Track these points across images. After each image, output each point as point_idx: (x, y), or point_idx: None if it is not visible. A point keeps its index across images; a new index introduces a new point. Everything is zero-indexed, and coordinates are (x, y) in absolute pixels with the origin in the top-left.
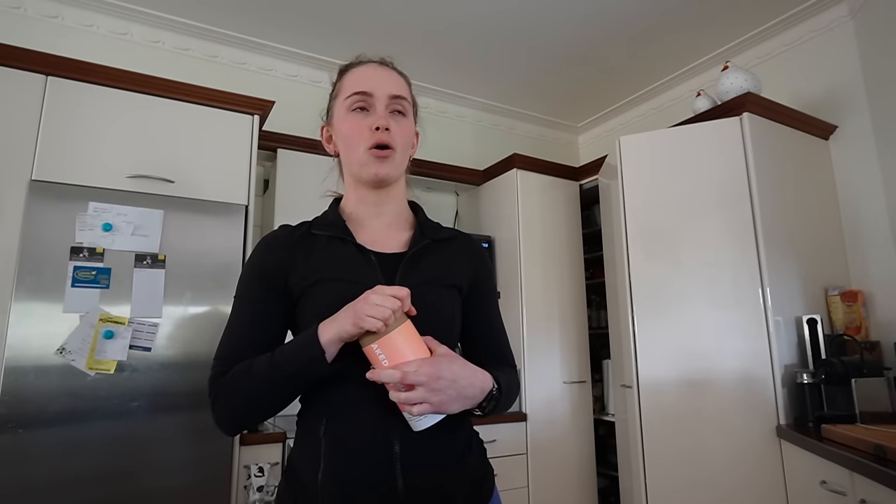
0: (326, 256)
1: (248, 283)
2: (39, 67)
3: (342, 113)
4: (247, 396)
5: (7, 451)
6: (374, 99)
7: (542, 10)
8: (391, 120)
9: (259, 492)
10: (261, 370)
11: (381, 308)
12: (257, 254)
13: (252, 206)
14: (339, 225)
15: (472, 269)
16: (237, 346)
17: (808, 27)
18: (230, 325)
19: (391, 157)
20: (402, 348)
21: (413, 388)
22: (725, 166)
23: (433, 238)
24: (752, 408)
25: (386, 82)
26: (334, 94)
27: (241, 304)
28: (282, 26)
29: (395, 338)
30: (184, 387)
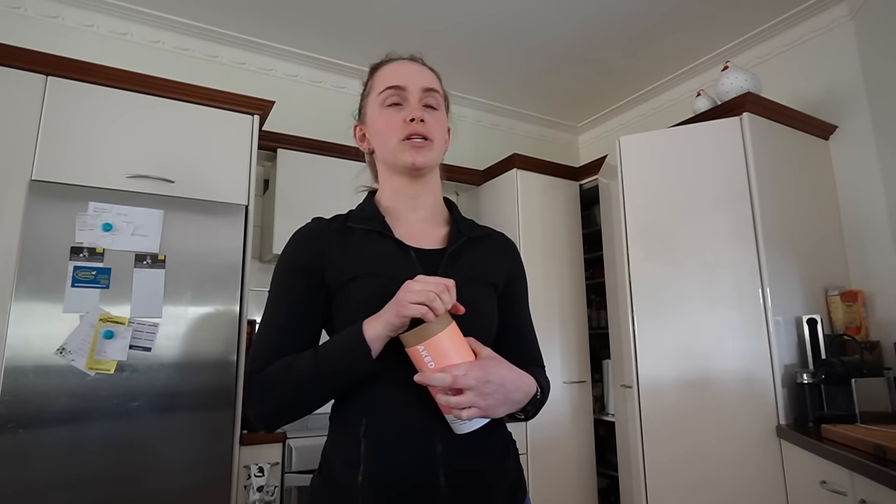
0: (365, 251)
1: (283, 276)
2: (39, 67)
3: (375, 109)
4: (287, 393)
5: (7, 451)
6: (406, 93)
7: (542, 10)
8: (425, 112)
9: (259, 492)
10: (304, 367)
11: (424, 293)
12: (291, 247)
13: (252, 206)
14: (378, 219)
15: (508, 267)
16: (275, 341)
17: (808, 27)
18: (266, 321)
19: (427, 146)
20: (449, 350)
21: (461, 392)
22: (725, 166)
23: (470, 235)
24: (752, 408)
25: (418, 76)
26: (366, 92)
27: (277, 298)
28: (282, 26)
29: (442, 339)
30: (184, 387)
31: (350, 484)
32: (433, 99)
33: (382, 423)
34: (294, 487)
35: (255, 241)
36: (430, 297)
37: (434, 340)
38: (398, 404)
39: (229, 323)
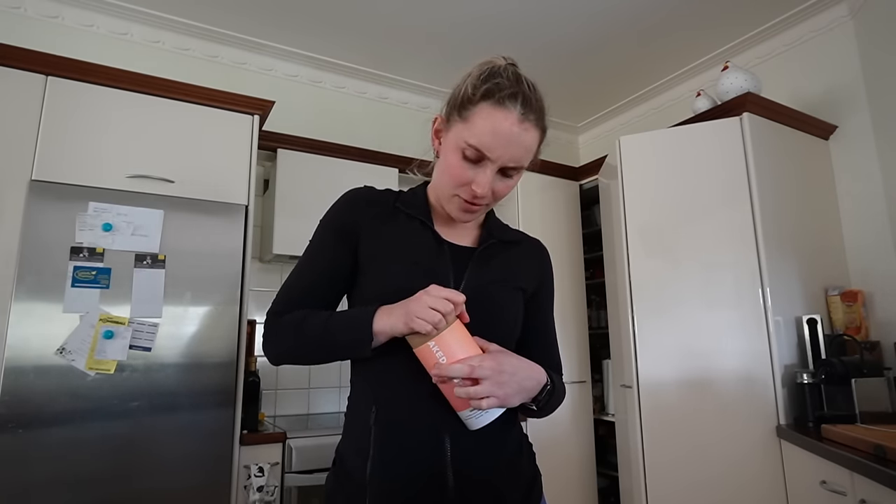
0: (403, 234)
1: (323, 233)
2: (39, 67)
3: (455, 144)
4: (295, 344)
5: (7, 451)
6: (489, 161)
7: (543, 10)
8: (496, 181)
9: (259, 492)
10: (312, 328)
11: (433, 313)
12: (339, 207)
13: (252, 206)
14: (424, 209)
15: (539, 274)
16: (300, 293)
17: (808, 27)
18: (298, 270)
19: (478, 211)
20: (459, 345)
21: (478, 383)
22: (725, 166)
23: (500, 238)
24: (752, 408)
25: (514, 149)
26: (464, 113)
27: (314, 252)
28: (282, 26)
29: (451, 334)
30: (184, 387)
31: (360, 476)
32: (514, 171)
33: (393, 414)
34: (294, 487)
35: (255, 241)
36: (437, 318)
37: (444, 336)
38: (408, 395)
39: (229, 323)
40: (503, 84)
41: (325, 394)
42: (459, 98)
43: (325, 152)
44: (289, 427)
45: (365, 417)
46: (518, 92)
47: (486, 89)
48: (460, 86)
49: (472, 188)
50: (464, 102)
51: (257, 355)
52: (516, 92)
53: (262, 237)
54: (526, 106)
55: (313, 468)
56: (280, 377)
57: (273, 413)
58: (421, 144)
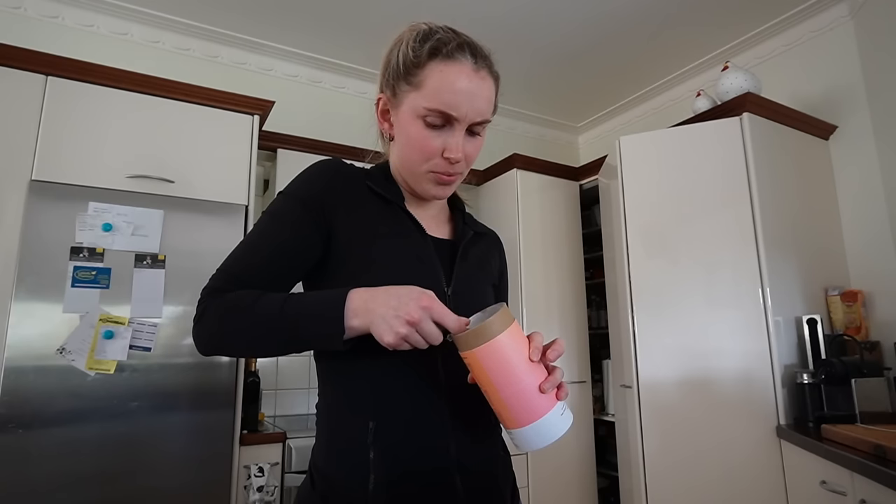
0: (383, 221)
1: (288, 203)
2: (39, 67)
3: (413, 114)
4: (237, 328)
5: (7, 451)
6: (456, 122)
7: (543, 10)
8: (466, 143)
9: (259, 492)
10: (267, 309)
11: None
12: (310, 177)
13: (252, 206)
14: (398, 193)
15: (499, 265)
16: (251, 266)
17: (808, 27)
18: (250, 242)
19: (454, 182)
20: (521, 340)
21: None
22: (725, 166)
23: (475, 230)
24: (753, 408)
25: (477, 101)
26: (412, 78)
27: (271, 222)
28: (282, 26)
29: (516, 329)
30: (184, 387)
31: (358, 494)
32: (480, 127)
33: (393, 427)
34: (294, 487)
35: None
36: (417, 339)
37: (516, 326)
38: (411, 405)
39: None
40: (445, 38)
41: None
42: (401, 66)
43: (325, 152)
44: (289, 427)
45: (359, 435)
46: (463, 42)
47: (431, 47)
48: (393, 55)
49: (446, 156)
50: (408, 68)
51: None
52: (462, 43)
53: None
54: (476, 55)
55: None
56: (280, 377)
57: (273, 413)
58: None
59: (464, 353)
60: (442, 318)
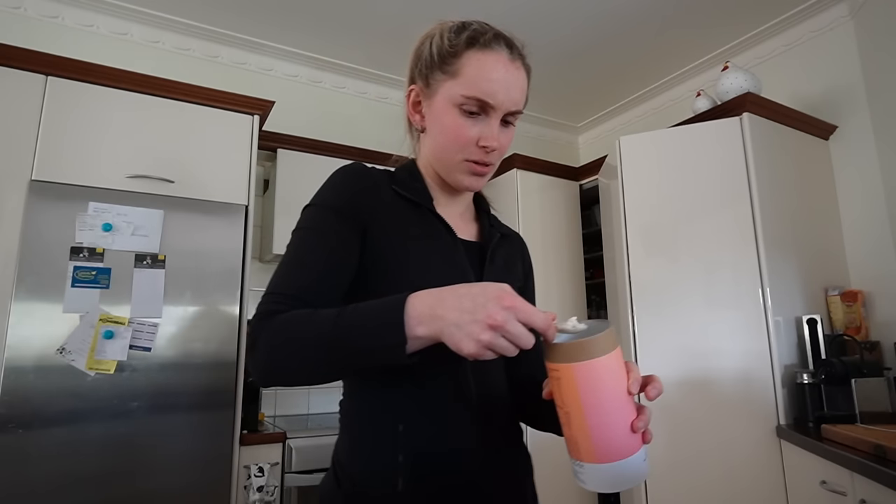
0: (413, 225)
1: (323, 213)
2: (39, 67)
3: (448, 103)
4: (291, 352)
5: (7, 451)
6: (492, 110)
7: (543, 10)
8: (500, 132)
9: (259, 492)
10: (319, 327)
11: (519, 337)
12: (338, 184)
13: (252, 206)
14: (425, 194)
15: (525, 269)
16: (301, 282)
17: (808, 27)
18: (293, 258)
19: (488, 173)
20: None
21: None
22: (725, 166)
23: (500, 232)
24: (752, 408)
25: (513, 90)
26: (448, 67)
27: (310, 235)
28: (282, 26)
29: (621, 357)
30: (184, 387)
31: (387, 496)
32: (514, 117)
33: (422, 431)
34: (294, 487)
35: (255, 241)
36: (504, 346)
37: (620, 352)
38: (441, 410)
39: (229, 323)
40: (482, 29)
41: (325, 394)
42: (435, 55)
43: (325, 152)
44: (289, 427)
45: (385, 436)
46: (499, 34)
47: (468, 37)
48: (424, 47)
49: (481, 144)
50: (444, 57)
51: None
52: (497, 34)
53: (262, 237)
54: (511, 46)
55: (313, 468)
56: None
57: (273, 413)
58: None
59: (555, 365)
60: (529, 319)
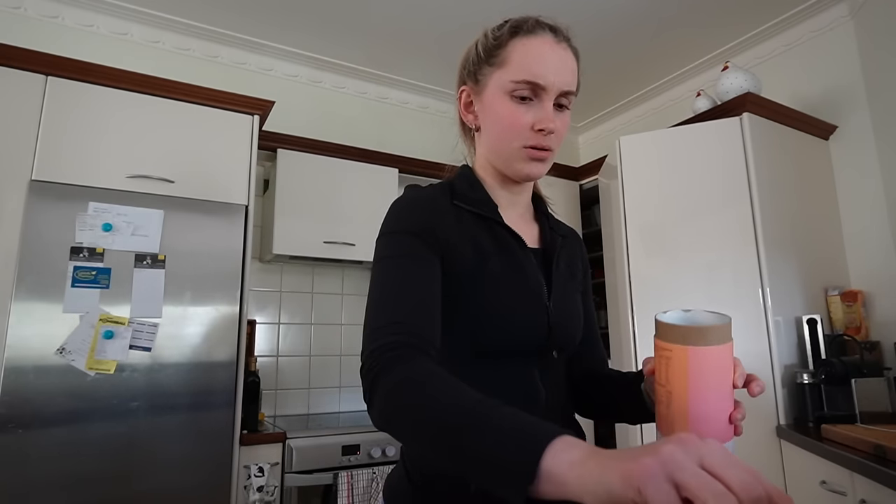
0: (484, 240)
1: (399, 241)
2: (39, 67)
3: (499, 92)
4: (412, 423)
5: (7, 451)
6: (544, 92)
7: (543, 10)
8: (556, 118)
9: (259, 492)
10: (450, 417)
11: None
12: (400, 212)
13: (252, 206)
14: (490, 204)
15: (583, 268)
16: (405, 308)
17: (808, 27)
18: (388, 289)
19: (549, 158)
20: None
21: None
22: (725, 166)
23: (559, 233)
24: (752, 408)
25: (562, 71)
26: (495, 59)
27: (399, 262)
28: (282, 26)
29: (732, 351)
30: (184, 387)
31: (459, 498)
32: (567, 99)
33: None
34: (294, 487)
35: (255, 241)
36: None
37: (732, 345)
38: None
39: (229, 323)
40: (524, 18)
41: (325, 394)
42: (481, 52)
43: (325, 152)
44: (289, 427)
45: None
46: (541, 20)
47: (511, 27)
48: (470, 52)
49: (538, 128)
50: (490, 51)
51: (257, 355)
52: (539, 20)
53: (262, 237)
54: (554, 30)
55: (313, 468)
56: (280, 377)
57: (273, 413)
58: (420, 144)
59: (668, 345)
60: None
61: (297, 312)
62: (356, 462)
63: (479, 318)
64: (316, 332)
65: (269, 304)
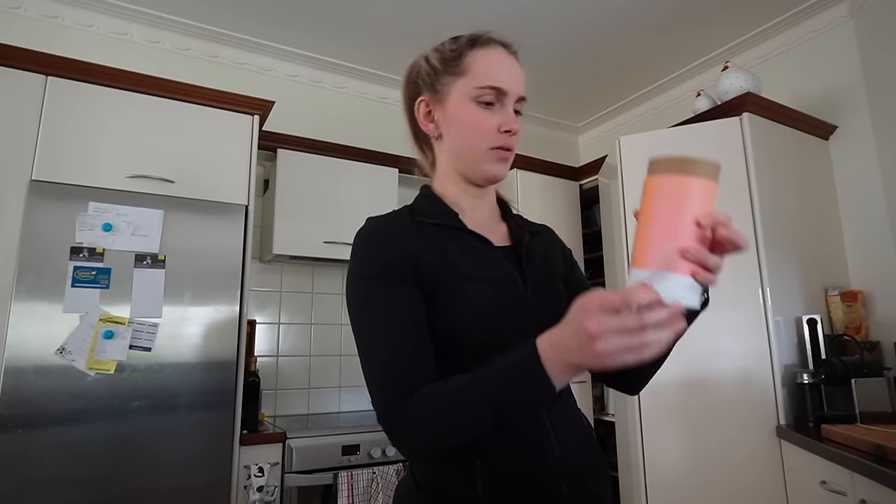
0: (450, 247)
1: (374, 284)
2: (39, 67)
3: (463, 99)
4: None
5: (7, 451)
6: (505, 97)
7: (542, 10)
8: (517, 122)
9: (259, 492)
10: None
11: (658, 339)
12: (371, 248)
13: (252, 206)
14: (451, 214)
15: (564, 257)
16: (405, 357)
17: (808, 27)
18: (380, 338)
19: (510, 158)
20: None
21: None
22: (725, 166)
23: (528, 231)
24: (752, 408)
25: (518, 79)
26: (455, 68)
27: (381, 306)
28: (282, 26)
29: (712, 196)
30: (184, 387)
31: (466, 499)
32: (520, 105)
33: (500, 458)
34: (294, 487)
35: (255, 241)
36: (653, 350)
37: (712, 190)
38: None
39: (229, 323)
40: (478, 32)
41: (325, 394)
42: (438, 63)
43: (325, 152)
44: (289, 427)
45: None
46: (493, 36)
47: (468, 39)
48: (420, 64)
49: (503, 129)
50: (447, 62)
51: (257, 355)
52: (492, 36)
53: (262, 237)
54: (506, 44)
55: (313, 468)
56: (280, 377)
57: (273, 413)
58: None
59: (648, 177)
60: (616, 305)
61: (297, 312)
62: (356, 462)
63: (461, 318)
64: (316, 332)
65: (269, 304)
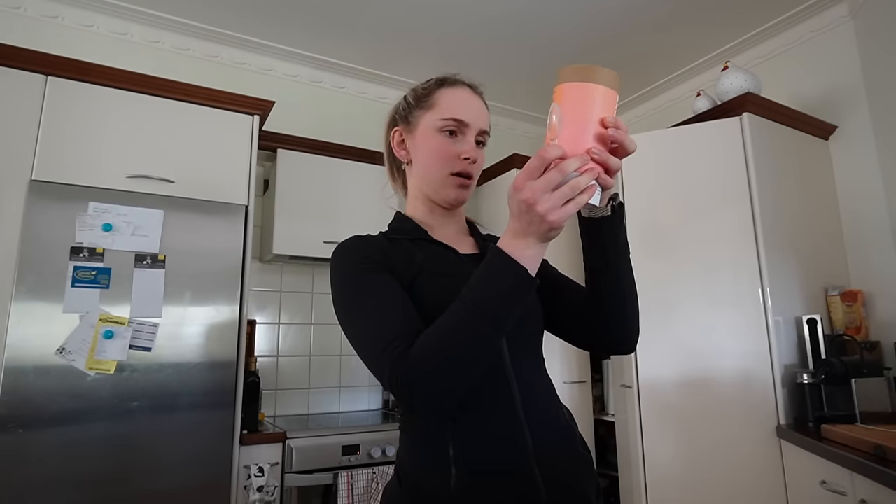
0: (418, 254)
1: (364, 272)
2: (39, 67)
3: (431, 129)
4: (455, 356)
5: (7, 451)
6: (467, 129)
7: (542, 10)
8: (477, 152)
9: (259, 492)
10: (458, 319)
11: (560, 191)
12: (354, 250)
13: (252, 206)
14: (419, 229)
15: None
16: (405, 316)
17: (808, 27)
18: (379, 306)
19: (471, 185)
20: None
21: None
22: (725, 166)
23: (495, 240)
24: (752, 408)
25: (480, 115)
26: (425, 104)
27: (373, 287)
28: (282, 26)
29: (613, 102)
30: (184, 387)
31: (442, 489)
32: (484, 139)
33: (469, 422)
34: (294, 487)
35: (255, 241)
36: (561, 195)
37: (613, 98)
38: (484, 400)
39: (229, 323)
40: (448, 74)
41: (325, 394)
42: (412, 100)
43: (325, 152)
44: (289, 427)
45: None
46: (460, 78)
47: (437, 80)
48: (399, 104)
49: (464, 157)
50: (420, 98)
51: (257, 355)
52: (459, 78)
53: (262, 237)
54: (472, 86)
55: (313, 468)
56: (280, 377)
57: (273, 413)
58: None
59: (557, 86)
60: (536, 169)
61: (297, 312)
62: (356, 462)
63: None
64: (316, 332)
65: (269, 304)
